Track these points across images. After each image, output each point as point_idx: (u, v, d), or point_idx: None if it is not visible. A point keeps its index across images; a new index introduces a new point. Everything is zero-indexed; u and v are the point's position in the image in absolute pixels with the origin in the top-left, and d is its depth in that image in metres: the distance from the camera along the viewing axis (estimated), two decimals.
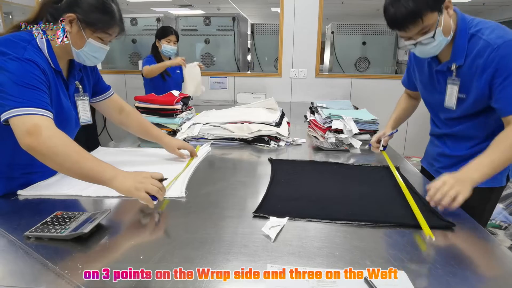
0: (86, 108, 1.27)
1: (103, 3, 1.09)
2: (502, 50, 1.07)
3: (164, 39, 2.87)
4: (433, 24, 1.11)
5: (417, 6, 1.07)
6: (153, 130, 1.47)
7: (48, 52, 1.09)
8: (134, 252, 0.78)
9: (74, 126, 1.24)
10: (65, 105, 1.15)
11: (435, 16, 1.10)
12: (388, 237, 0.87)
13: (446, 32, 1.15)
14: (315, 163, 1.48)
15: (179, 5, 8.04)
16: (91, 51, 1.12)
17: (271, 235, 0.84)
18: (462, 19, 1.17)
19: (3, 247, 0.80)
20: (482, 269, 0.77)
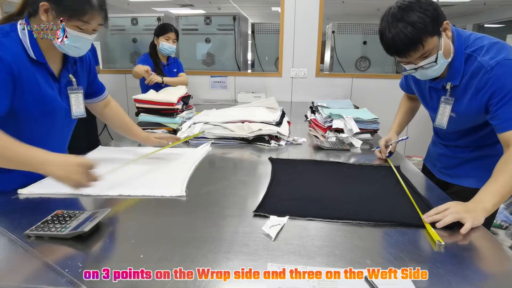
0: (80, 101, 1.25)
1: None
2: (496, 71, 1.07)
3: (163, 36, 2.76)
4: (433, 48, 1.09)
5: (417, 32, 1.05)
6: (134, 128, 1.53)
7: (30, 43, 1.07)
8: (134, 251, 0.78)
9: (64, 118, 1.22)
10: (48, 96, 1.13)
11: (435, 40, 1.08)
12: (389, 236, 0.87)
13: (446, 54, 1.14)
14: (316, 162, 1.48)
15: (179, 5, 8.04)
16: (72, 40, 1.08)
17: (271, 234, 0.84)
18: (457, 38, 1.16)
19: (3, 246, 0.80)
20: (483, 268, 0.77)
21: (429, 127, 1.52)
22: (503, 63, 1.06)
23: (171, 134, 1.53)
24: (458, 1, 7.23)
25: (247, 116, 1.89)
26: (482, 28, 9.26)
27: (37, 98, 1.09)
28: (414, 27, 1.04)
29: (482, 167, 1.25)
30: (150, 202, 1.06)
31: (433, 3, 1.09)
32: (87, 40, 1.12)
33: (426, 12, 1.05)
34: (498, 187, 0.98)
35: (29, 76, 1.07)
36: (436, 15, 1.07)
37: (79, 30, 1.08)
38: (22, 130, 1.09)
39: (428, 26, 1.05)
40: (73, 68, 1.23)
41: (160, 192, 1.09)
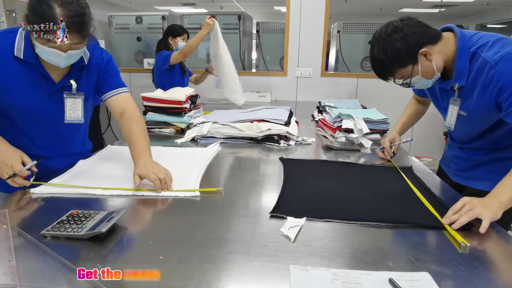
0: (77, 106, 1.24)
1: (38, 5, 0.99)
2: (500, 66, 1.06)
3: (180, 37, 2.91)
4: (408, 75, 1.17)
5: (385, 67, 1.17)
6: (136, 147, 1.21)
7: (24, 44, 1.10)
8: (152, 252, 0.77)
9: (51, 122, 1.22)
10: (28, 97, 1.15)
11: (408, 69, 1.16)
12: (407, 238, 0.86)
13: (428, 75, 1.17)
14: (327, 162, 1.47)
15: (182, 4, 8.02)
16: (44, 54, 1.06)
17: (290, 236, 0.83)
18: (461, 39, 1.15)
19: (21, 247, 0.79)
20: (508, 271, 0.76)
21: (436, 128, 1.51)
22: (508, 57, 1.05)
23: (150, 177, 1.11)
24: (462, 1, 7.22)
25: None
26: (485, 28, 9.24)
27: (17, 96, 1.13)
28: (382, 64, 1.17)
29: (498, 170, 1.22)
30: (164, 202, 1.05)
31: (406, 36, 1.11)
32: (60, 57, 1.06)
33: (393, 50, 1.12)
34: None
35: (10, 73, 1.10)
36: (406, 49, 1.12)
37: (47, 46, 1.03)
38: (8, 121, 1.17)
39: (396, 62, 1.14)
40: (77, 73, 1.22)
41: (174, 192, 1.08)
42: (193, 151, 1.59)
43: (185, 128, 1.91)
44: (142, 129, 1.27)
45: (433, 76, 1.18)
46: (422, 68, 1.15)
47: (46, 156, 1.21)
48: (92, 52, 1.25)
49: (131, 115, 1.27)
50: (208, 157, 1.46)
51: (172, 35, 2.89)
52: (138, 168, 1.12)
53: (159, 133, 1.93)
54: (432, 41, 1.14)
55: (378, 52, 1.15)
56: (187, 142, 1.73)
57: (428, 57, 1.14)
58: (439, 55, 1.16)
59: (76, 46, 1.06)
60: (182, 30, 2.93)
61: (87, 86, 1.26)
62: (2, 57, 1.09)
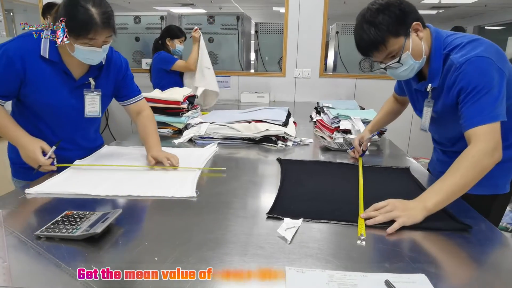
0: (95, 102, 1.35)
1: (75, 9, 1.12)
2: (464, 68, 1.04)
3: (178, 39, 2.90)
4: (399, 49, 1.10)
5: (379, 33, 1.07)
6: (150, 139, 1.43)
7: (50, 45, 1.22)
8: (148, 253, 0.77)
9: (75, 116, 1.34)
10: (53, 93, 1.26)
11: (400, 41, 1.09)
12: (404, 239, 0.86)
13: (417, 56, 1.12)
14: (325, 163, 1.47)
15: (180, 4, 8.01)
16: (83, 54, 1.20)
17: (287, 237, 0.83)
18: (436, 38, 1.14)
19: (15, 247, 0.78)
20: (504, 273, 0.75)
21: None
22: (473, 60, 1.04)
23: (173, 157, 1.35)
24: (459, 2, 7.24)
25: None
26: (483, 30, 9.27)
27: (40, 91, 1.24)
28: (376, 28, 1.07)
29: None
30: (160, 203, 1.04)
31: (402, 3, 1.09)
32: (97, 52, 1.20)
33: (391, 13, 1.07)
34: (444, 186, 0.95)
35: (37, 71, 1.22)
36: (402, 16, 1.08)
37: (88, 45, 1.17)
38: (33, 115, 1.29)
39: (391, 27, 1.07)
40: (96, 72, 1.34)
41: (170, 193, 1.08)
42: (191, 151, 1.59)
43: (183, 128, 1.91)
44: (155, 128, 1.50)
45: (420, 58, 1.13)
46: (413, 45, 1.10)
47: (65, 148, 1.33)
48: (110, 54, 1.37)
49: (148, 115, 1.50)
50: (205, 157, 1.45)
51: (170, 36, 2.88)
52: (152, 153, 1.36)
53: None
54: (422, 22, 1.12)
55: (372, 16, 1.08)
56: (184, 142, 1.73)
57: (419, 34, 1.11)
58: (425, 40, 1.14)
59: (108, 39, 1.20)
60: (180, 33, 2.91)
61: (104, 85, 1.37)
62: (31, 57, 1.20)
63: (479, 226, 0.92)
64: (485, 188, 1.17)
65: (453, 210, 0.98)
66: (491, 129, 1.00)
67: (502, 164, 1.14)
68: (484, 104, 1.01)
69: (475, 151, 0.98)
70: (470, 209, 1.04)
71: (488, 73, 1.02)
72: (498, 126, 1.01)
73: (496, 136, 1.00)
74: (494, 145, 0.98)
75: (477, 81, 1.02)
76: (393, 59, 1.12)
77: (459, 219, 0.93)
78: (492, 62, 1.03)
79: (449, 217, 0.95)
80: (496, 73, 1.03)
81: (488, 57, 1.03)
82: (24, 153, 1.20)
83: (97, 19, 1.13)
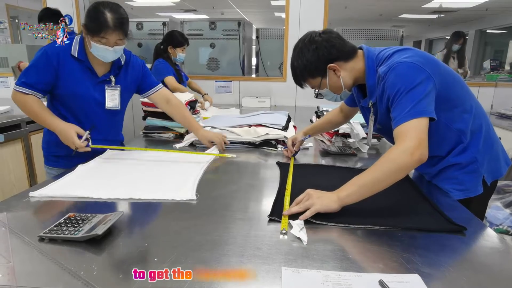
0: (115, 97, 1.57)
1: (93, 11, 1.37)
2: (388, 76, 1.09)
3: (180, 47, 2.86)
4: (318, 85, 1.24)
5: (297, 75, 1.25)
6: (193, 123, 1.75)
7: (79, 46, 1.47)
8: (148, 254, 0.79)
9: (97, 108, 1.55)
10: (79, 85, 1.49)
11: (317, 80, 1.22)
12: (398, 240, 0.87)
13: (336, 90, 1.24)
14: (323, 167, 1.48)
15: (183, 10, 8.10)
16: (97, 51, 1.43)
17: (303, 238, 0.85)
18: (369, 57, 1.20)
19: (19, 248, 0.80)
20: (496, 273, 0.77)
21: None
22: (394, 67, 1.08)
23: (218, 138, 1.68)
24: (460, 7, 7.26)
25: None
26: (484, 34, 9.28)
27: (68, 83, 1.48)
28: (294, 71, 1.25)
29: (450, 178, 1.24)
30: (161, 206, 1.06)
31: (317, 47, 1.17)
32: (110, 51, 1.43)
33: (306, 61, 1.19)
34: (358, 180, 0.99)
35: (65, 67, 1.45)
36: (316, 62, 1.18)
37: (101, 43, 1.40)
38: (63, 106, 1.53)
39: (306, 71, 1.21)
40: (116, 71, 1.58)
41: (171, 196, 1.10)
42: (191, 155, 1.61)
43: (184, 133, 1.93)
44: (189, 113, 1.82)
45: (340, 92, 1.25)
46: (330, 82, 1.22)
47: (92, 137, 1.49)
48: (129, 58, 1.63)
49: (178, 103, 1.76)
50: (206, 161, 1.47)
51: (173, 44, 2.83)
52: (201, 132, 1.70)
53: (158, 138, 1.95)
54: (343, 58, 1.19)
55: (293, 59, 1.24)
56: (185, 146, 1.75)
57: (337, 73, 1.20)
58: (349, 72, 1.21)
59: (121, 42, 1.43)
60: (183, 40, 2.86)
61: (123, 82, 1.60)
62: (64, 56, 1.45)
63: (473, 227, 0.94)
64: (458, 192, 1.21)
65: (448, 210, 0.99)
66: (414, 127, 0.99)
67: (465, 168, 1.21)
68: (405, 103, 1.03)
69: (394, 150, 0.99)
70: (464, 210, 1.06)
71: (408, 74, 1.05)
72: (422, 123, 1.00)
73: (419, 134, 0.98)
74: (415, 143, 0.96)
75: (399, 84, 1.05)
76: (316, 89, 1.26)
77: (453, 220, 0.94)
78: (411, 64, 1.06)
79: (444, 218, 0.96)
80: (419, 73, 1.05)
81: (407, 61, 1.07)
82: (63, 136, 1.41)
83: (110, 22, 1.36)
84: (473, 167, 1.20)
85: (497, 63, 5.34)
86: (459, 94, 1.18)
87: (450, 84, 1.14)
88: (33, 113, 1.45)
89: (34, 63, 1.44)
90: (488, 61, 5.39)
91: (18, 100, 1.45)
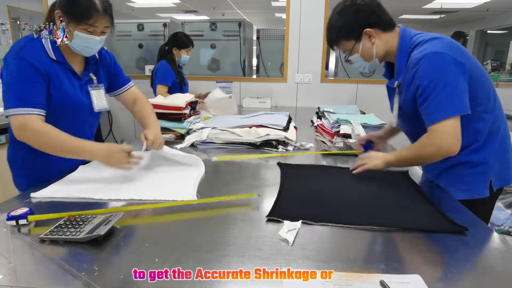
0: (101, 96, 1.39)
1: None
2: (421, 64, 1.08)
3: (185, 49, 2.84)
4: (350, 49, 1.24)
5: (332, 35, 1.26)
6: (146, 120, 1.50)
7: (51, 46, 1.23)
8: (149, 255, 0.79)
9: (87, 113, 1.36)
10: (70, 93, 1.27)
11: (350, 44, 1.23)
12: (399, 241, 0.87)
13: (367, 58, 1.25)
14: (324, 167, 1.48)
15: (183, 11, 8.11)
16: (81, 42, 1.22)
17: (289, 239, 0.84)
18: (402, 38, 1.20)
19: (20, 249, 0.81)
20: (498, 274, 0.76)
21: None
22: (429, 56, 1.07)
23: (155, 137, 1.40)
24: (461, 7, 7.26)
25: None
26: (485, 34, 9.28)
27: (59, 93, 1.24)
28: (330, 30, 1.26)
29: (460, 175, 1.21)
30: (162, 206, 1.06)
31: (358, 9, 1.18)
32: (96, 41, 1.24)
33: (344, 19, 1.20)
34: (403, 154, 1.18)
35: (52, 74, 1.22)
36: (354, 23, 1.19)
37: (87, 32, 1.21)
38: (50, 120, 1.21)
39: (342, 32, 1.22)
40: (94, 67, 1.38)
41: (172, 196, 1.10)
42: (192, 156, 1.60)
43: (185, 133, 1.93)
44: (152, 109, 1.55)
45: (371, 60, 1.25)
46: (363, 48, 1.22)
47: None
48: (100, 50, 1.41)
49: (144, 101, 1.55)
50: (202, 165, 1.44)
51: (178, 46, 2.82)
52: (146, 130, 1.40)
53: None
54: (381, 26, 1.19)
55: (331, 18, 1.24)
56: (186, 147, 1.75)
57: (372, 39, 1.20)
58: (383, 43, 1.21)
59: (106, 29, 1.25)
60: (188, 42, 2.84)
61: (103, 78, 1.42)
62: (43, 62, 1.20)
63: (475, 228, 0.93)
64: (462, 193, 1.19)
65: (450, 211, 0.99)
66: (451, 124, 1.05)
67: (474, 168, 1.19)
68: (441, 100, 1.05)
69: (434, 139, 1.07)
70: (466, 211, 1.06)
71: (443, 68, 1.05)
72: (457, 119, 1.06)
73: (456, 130, 1.05)
74: (454, 140, 1.05)
75: (432, 76, 1.06)
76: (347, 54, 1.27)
77: (455, 221, 0.94)
78: (448, 56, 1.06)
79: (445, 219, 0.96)
80: (453, 66, 1.05)
81: (443, 52, 1.06)
82: (114, 160, 1.19)
83: (99, 6, 1.18)
84: (483, 168, 1.19)
85: (498, 63, 5.34)
86: (484, 93, 1.15)
87: (478, 81, 1.12)
88: (58, 142, 1.16)
89: (17, 75, 1.14)
90: (489, 61, 5.39)
91: (22, 127, 1.13)
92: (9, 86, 1.15)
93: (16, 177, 1.37)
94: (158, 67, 2.82)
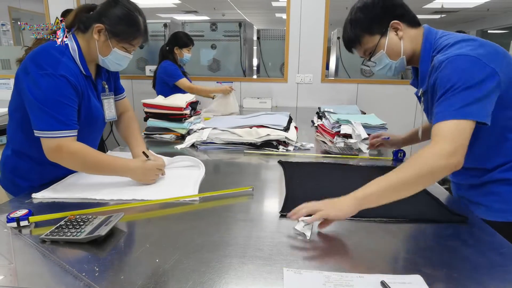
0: (111, 106, 1.37)
1: (129, 16, 1.17)
2: (443, 67, 0.96)
3: (186, 48, 2.89)
4: (374, 47, 1.10)
5: (353, 30, 1.11)
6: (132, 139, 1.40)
7: (80, 60, 1.18)
8: (149, 255, 0.79)
9: (101, 124, 1.35)
10: (94, 106, 1.25)
11: (375, 39, 1.09)
12: (401, 241, 0.87)
13: (393, 55, 1.10)
14: (326, 164, 1.49)
15: (184, 11, 8.11)
16: (115, 59, 1.22)
17: (306, 233, 0.85)
18: (426, 40, 1.08)
19: (21, 250, 0.81)
20: (499, 274, 0.76)
21: None
22: (452, 59, 0.94)
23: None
24: (462, 7, 7.26)
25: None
26: (485, 34, 9.27)
27: (88, 108, 1.22)
28: (352, 25, 1.10)
29: (491, 193, 1.07)
30: (162, 206, 1.06)
31: (381, 1, 1.07)
32: (128, 59, 1.25)
33: (368, 11, 1.08)
34: (383, 179, 0.87)
35: (83, 90, 1.19)
36: (380, 14, 1.07)
37: (124, 50, 1.21)
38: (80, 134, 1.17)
39: (365, 25, 1.08)
40: (106, 75, 1.35)
41: (173, 196, 1.10)
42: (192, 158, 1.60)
43: (185, 134, 1.93)
44: (138, 127, 1.49)
45: (397, 58, 1.10)
46: (389, 43, 1.08)
47: None
48: None
49: (132, 116, 1.49)
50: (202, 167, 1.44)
51: (179, 45, 2.85)
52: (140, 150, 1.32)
53: (159, 139, 1.95)
54: (408, 20, 1.07)
55: (352, 12, 1.10)
56: (187, 148, 1.75)
57: (399, 33, 1.07)
58: (410, 40, 1.08)
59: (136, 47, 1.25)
60: (189, 41, 2.88)
61: (112, 86, 1.40)
62: (78, 79, 1.16)
63: (476, 228, 0.93)
64: (497, 214, 1.05)
65: None
66: (456, 127, 0.87)
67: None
68: (457, 100, 0.90)
69: (427, 150, 0.87)
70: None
71: (467, 70, 0.91)
72: (465, 126, 0.88)
73: (461, 137, 0.87)
74: (453, 147, 0.85)
75: (455, 79, 0.91)
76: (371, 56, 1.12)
77: (455, 210, 0.93)
78: (473, 58, 0.92)
79: (445, 209, 0.95)
80: (482, 69, 0.91)
81: (471, 55, 0.93)
82: (147, 176, 1.20)
83: (142, 27, 1.19)
84: None
85: None
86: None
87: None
88: (93, 162, 1.14)
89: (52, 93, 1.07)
90: None
91: (57, 150, 1.08)
92: (43, 104, 1.07)
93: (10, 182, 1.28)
94: (165, 67, 2.83)
